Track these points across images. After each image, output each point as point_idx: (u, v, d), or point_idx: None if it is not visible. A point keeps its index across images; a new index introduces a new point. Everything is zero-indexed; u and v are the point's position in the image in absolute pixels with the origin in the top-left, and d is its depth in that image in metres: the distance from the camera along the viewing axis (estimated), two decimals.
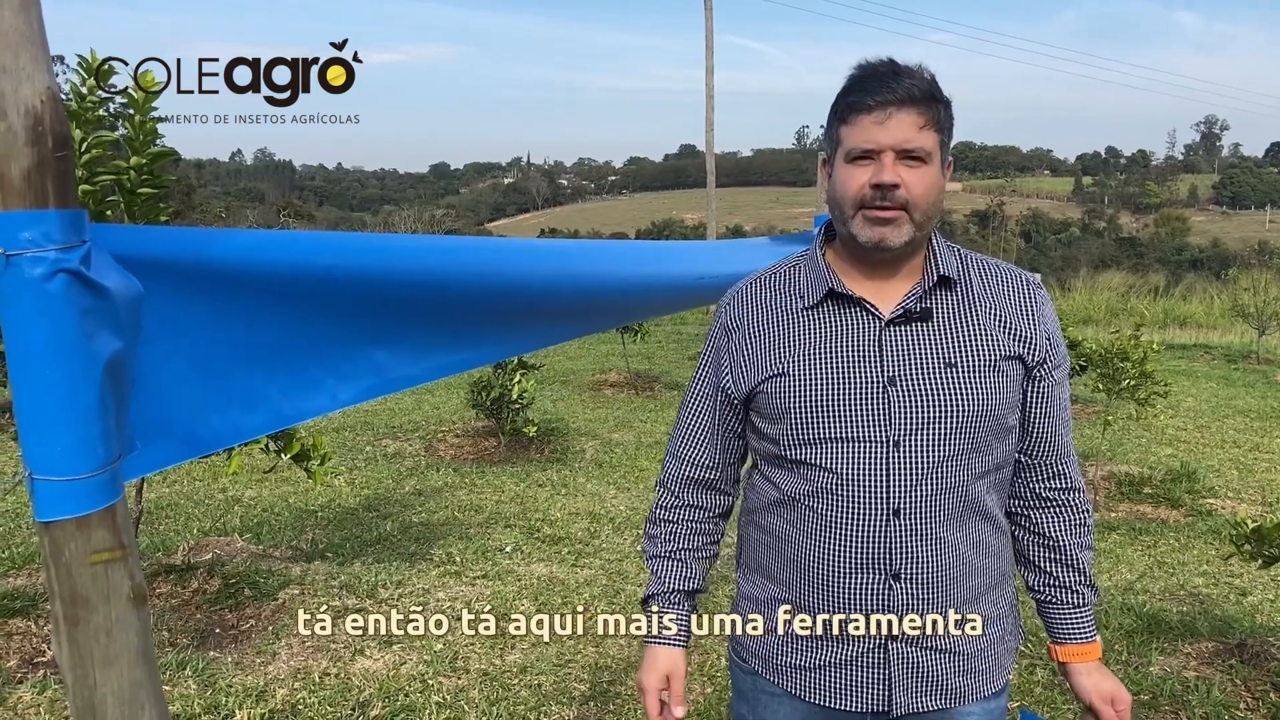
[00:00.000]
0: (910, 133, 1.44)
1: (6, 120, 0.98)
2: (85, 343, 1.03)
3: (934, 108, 1.46)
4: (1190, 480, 6.76)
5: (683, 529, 1.73)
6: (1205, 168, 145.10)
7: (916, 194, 1.45)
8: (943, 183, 1.51)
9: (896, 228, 1.46)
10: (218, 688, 3.50)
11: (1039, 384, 1.58)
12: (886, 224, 1.46)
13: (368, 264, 1.49)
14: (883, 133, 1.44)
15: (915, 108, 1.44)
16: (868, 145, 1.45)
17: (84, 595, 1.07)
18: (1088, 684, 1.67)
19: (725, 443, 1.69)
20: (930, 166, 1.46)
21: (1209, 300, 21.75)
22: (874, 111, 1.44)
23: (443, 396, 9.66)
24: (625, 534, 5.59)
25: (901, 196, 1.45)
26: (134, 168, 3.49)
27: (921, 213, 1.47)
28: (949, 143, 1.51)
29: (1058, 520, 1.65)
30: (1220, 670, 3.83)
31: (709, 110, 20.09)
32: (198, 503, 6.08)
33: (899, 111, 1.43)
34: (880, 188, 1.44)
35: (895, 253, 1.50)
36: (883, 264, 1.54)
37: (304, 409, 1.40)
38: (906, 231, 1.47)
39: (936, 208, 1.50)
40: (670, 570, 1.71)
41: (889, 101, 1.43)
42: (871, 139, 1.44)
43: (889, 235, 1.47)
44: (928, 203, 1.47)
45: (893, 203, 1.45)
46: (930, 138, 1.45)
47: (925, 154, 1.45)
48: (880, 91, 1.44)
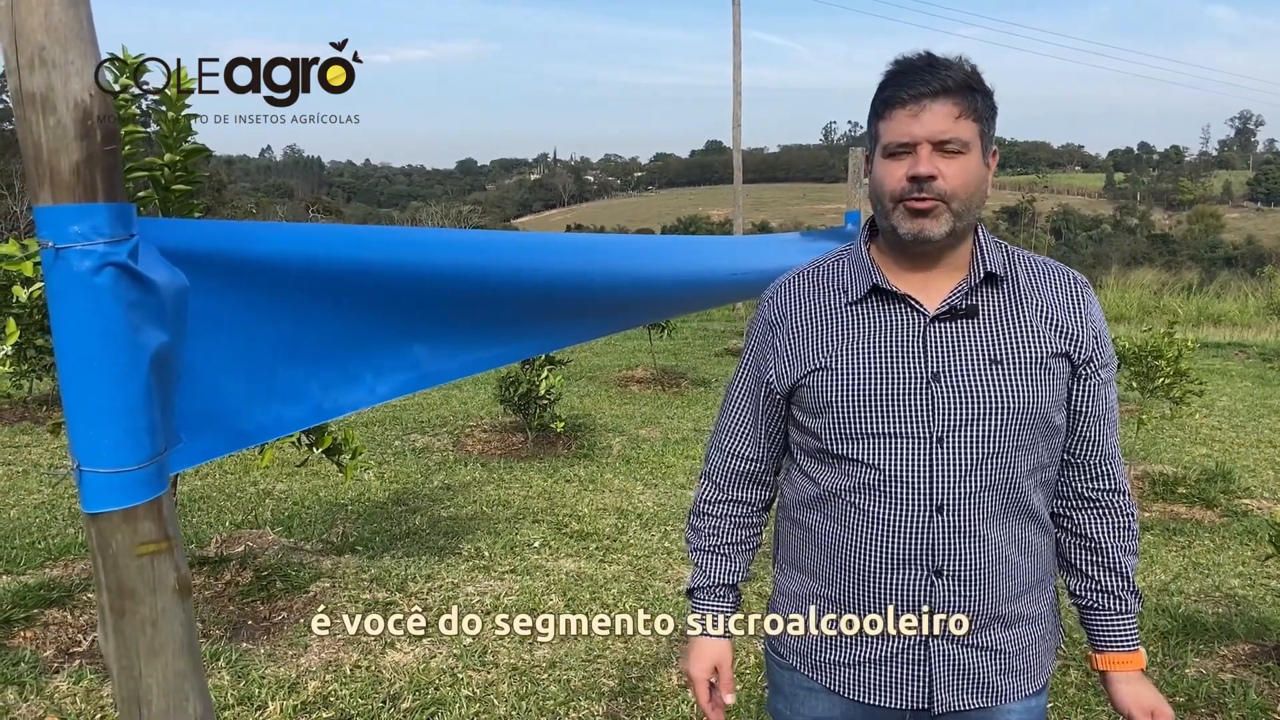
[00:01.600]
0: (945, 123, 1.43)
1: (56, 114, 0.98)
2: (132, 336, 1.04)
3: (970, 97, 1.45)
4: (1225, 480, 6.66)
5: (726, 523, 1.74)
6: (1240, 164, 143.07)
7: (955, 184, 1.44)
8: (984, 173, 1.49)
9: (935, 219, 1.46)
10: (250, 679, 3.53)
11: (1085, 383, 1.56)
12: (925, 215, 1.46)
13: (407, 258, 1.49)
14: (917, 125, 1.43)
15: (950, 98, 1.43)
16: (903, 138, 1.45)
17: (130, 587, 1.07)
18: (1128, 694, 1.64)
19: (768, 436, 1.69)
20: (968, 156, 1.45)
21: (1243, 298, 21.44)
22: (908, 105, 1.44)
23: (470, 392, 9.70)
24: (653, 530, 5.58)
25: (939, 187, 1.44)
26: (168, 164, 3.53)
27: (960, 203, 1.46)
28: (990, 132, 1.49)
29: (1101, 522, 1.63)
30: (1257, 672, 3.78)
31: (736, 106, 20.04)
32: (229, 495, 6.14)
33: (933, 103, 1.43)
34: (917, 179, 1.44)
35: (937, 244, 1.49)
36: (926, 258, 1.53)
37: (343, 403, 1.41)
38: (946, 222, 1.46)
39: (978, 198, 1.48)
40: (714, 564, 1.73)
41: (923, 94, 1.43)
42: (906, 132, 1.44)
43: (928, 226, 1.46)
44: (967, 193, 1.46)
45: (930, 194, 1.44)
46: (967, 128, 1.44)
47: (962, 144, 1.44)
48: (914, 85, 1.44)
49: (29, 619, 3.92)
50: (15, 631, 3.81)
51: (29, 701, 3.30)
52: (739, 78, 20.03)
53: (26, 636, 3.79)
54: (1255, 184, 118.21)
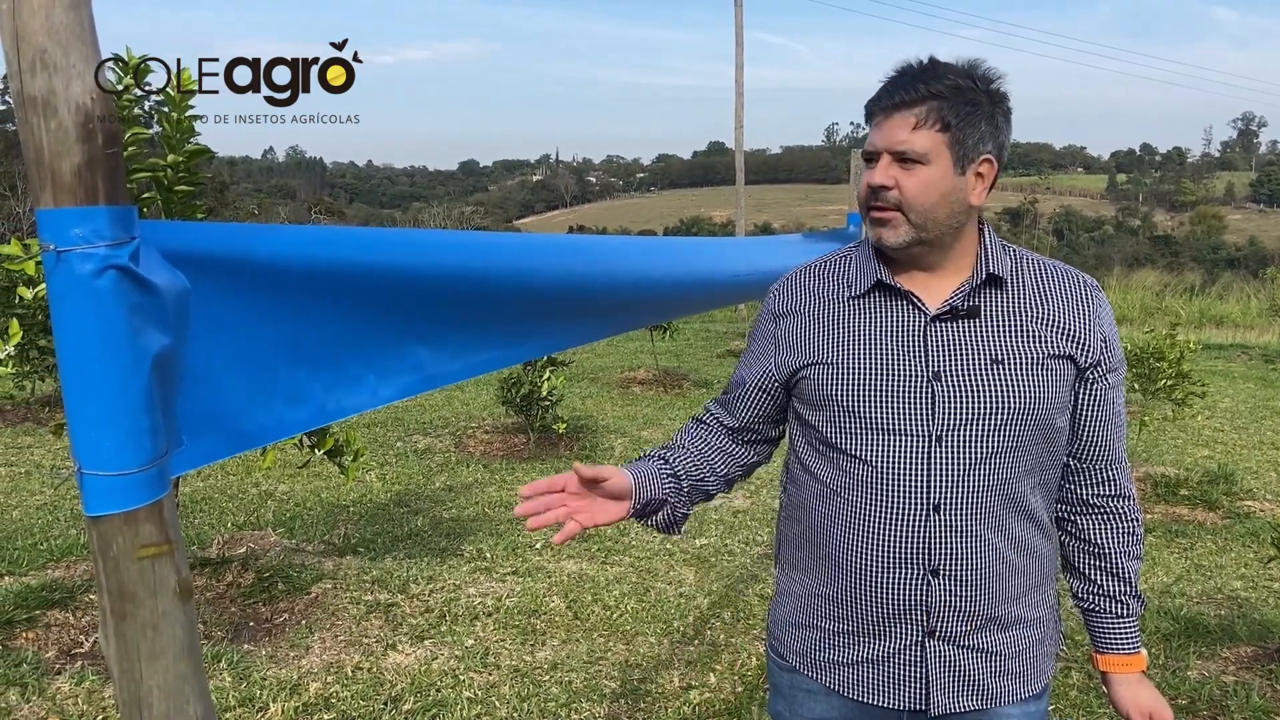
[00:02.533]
0: (901, 134, 1.45)
1: (57, 117, 0.98)
2: (134, 339, 1.04)
3: (936, 107, 1.44)
4: (1228, 482, 6.65)
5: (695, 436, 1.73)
6: (1242, 165, 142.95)
7: (909, 195, 1.46)
8: (953, 184, 1.47)
9: (893, 228, 1.49)
10: (252, 680, 3.53)
11: (1091, 387, 1.56)
12: (883, 225, 1.50)
13: (409, 260, 1.49)
14: (878, 135, 1.48)
15: (910, 109, 1.45)
16: (869, 148, 1.51)
17: (131, 590, 1.07)
18: (1128, 696, 1.65)
19: (761, 410, 1.70)
20: (929, 168, 1.45)
21: (1246, 299, 21.41)
22: (877, 115, 1.49)
23: (472, 393, 9.70)
24: (654, 532, 5.57)
25: (893, 198, 1.47)
26: (170, 165, 3.53)
27: (919, 214, 1.47)
28: (971, 141, 1.46)
29: (1105, 527, 1.63)
30: (1260, 675, 3.77)
31: (738, 107, 20.04)
32: (231, 497, 6.15)
33: (895, 113, 1.46)
34: (873, 189, 1.49)
35: (900, 252, 1.52)
36: (917, 260, 1.54)
37: (346, 405, 1.41)
38: (904, 233, 1.48)
39: (942, 209, 1.48)
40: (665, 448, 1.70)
41: (887, 105, 1.47)
42: (871, 142, 1.51)
43: (885, 235, 1.50)
44: (923, 204, 1.46)
45: (885, 203, 1.48)
46: (926, 139, 1.44)
47: (918, 155, 1.45)
48: (883, 96, 1.48)
49: (31, 620, 3.92)
50: (17, 632, 3.82)
51: (31, 703, 3.30)
52: (741, 78, 20.03)
53: (29, 638, 3.79)
54: (1258, 185, 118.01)
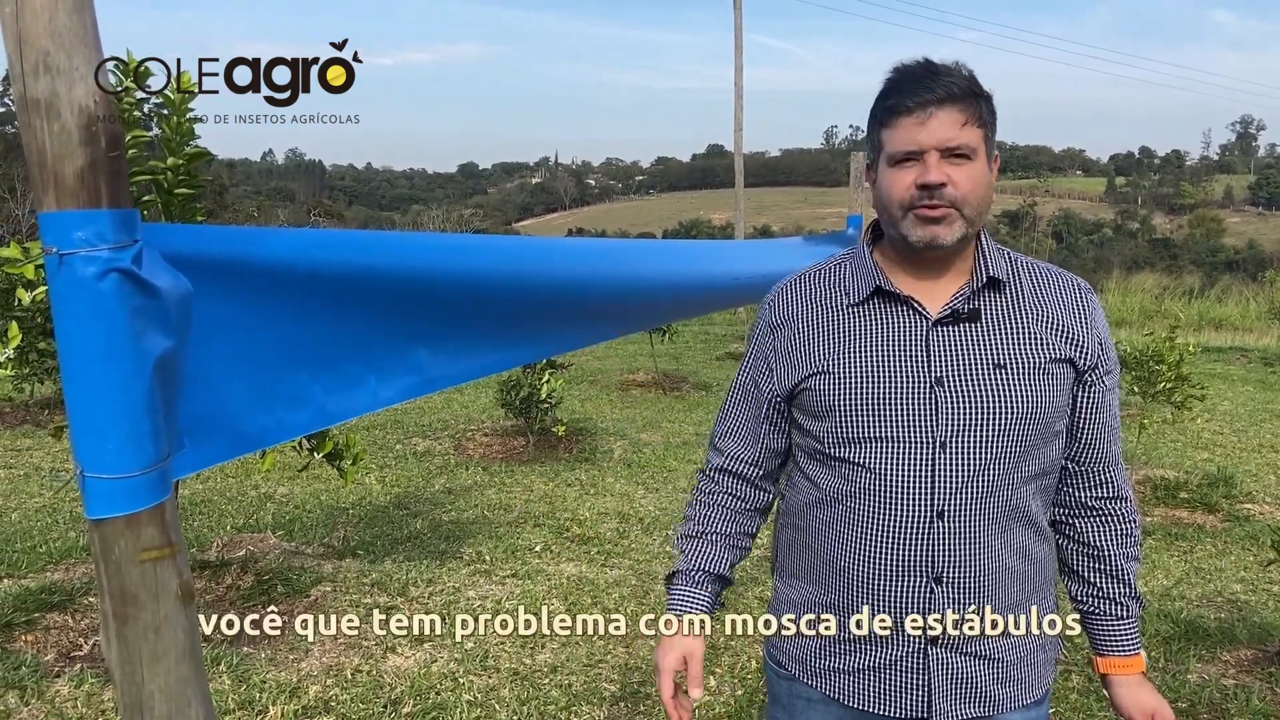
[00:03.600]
0: (952, 130, 1.43)
1: (61, 120, 0.98)
2: (136, 342, 1.04)
3: (975, 103, 1.45)
4: (1227, 485, 6.65)
5: (717, 514, 1.71)
6: (1241, 168, 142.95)
7: (965, 190, 1.44)
8: (990, 178, 1.50)
9: (948, 225, 1.46)
10: (252, 683, 3.53)
11: (1089, 389, 1.56)
12: (938, 222, 1.46)
13: (410, 263, 1.49)
14: (924, 133, 1.43)
15: (956, 105, 1.43)
16: (910, 147, 1.44)
17: (133, 593, 1.07)
18: (1128, 698, 1.64)
19: (767, 440, 1.68)
20: (976, 162, 1.45)
21: (1245, 302, 21.42)
22: (914, 113, 1.44)
23: (472, 395, 9.70)
24: (654, 534, 5.58)
25: (950, 194, 1.44)
26: (170, 168, 3.53)
27: (972, 208, 1.46)
28: (993, 137, 1.49)
29: (1103, 529, 1.63)
30: (1260, 678, 3.77)
31: (738, 110, 20.04)
32: (231, 499, 6.14)
33: (939, 110, 1.43)
34: (928, 188, 1.44)
35: (947, 250, 1.49)
36: (933, 263, 1.53)
37: (347, 408, 1.41)
38: (959, 228, 1.46)
39: (986, 203, 1.49)
40: (699, 550, 1.69)
41: (929, 101, 1.43)
42: (914, 140, 1.44)
43: (940, 233, 1.46)
44: (977, 198, 1.46)
45: (942, 201, 1.44)
46: (973, 134, 1.44)
47: (970, 150, 1.44)
48: (918, 93, 1.43)
49: (30, 623, 3.92)
50: (16, 635, 3.81)
51: (30, 706, 3.30)
52: (740, 81, 20.04)
53: (28, 640, 3.78)
54: (1256, 188, 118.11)
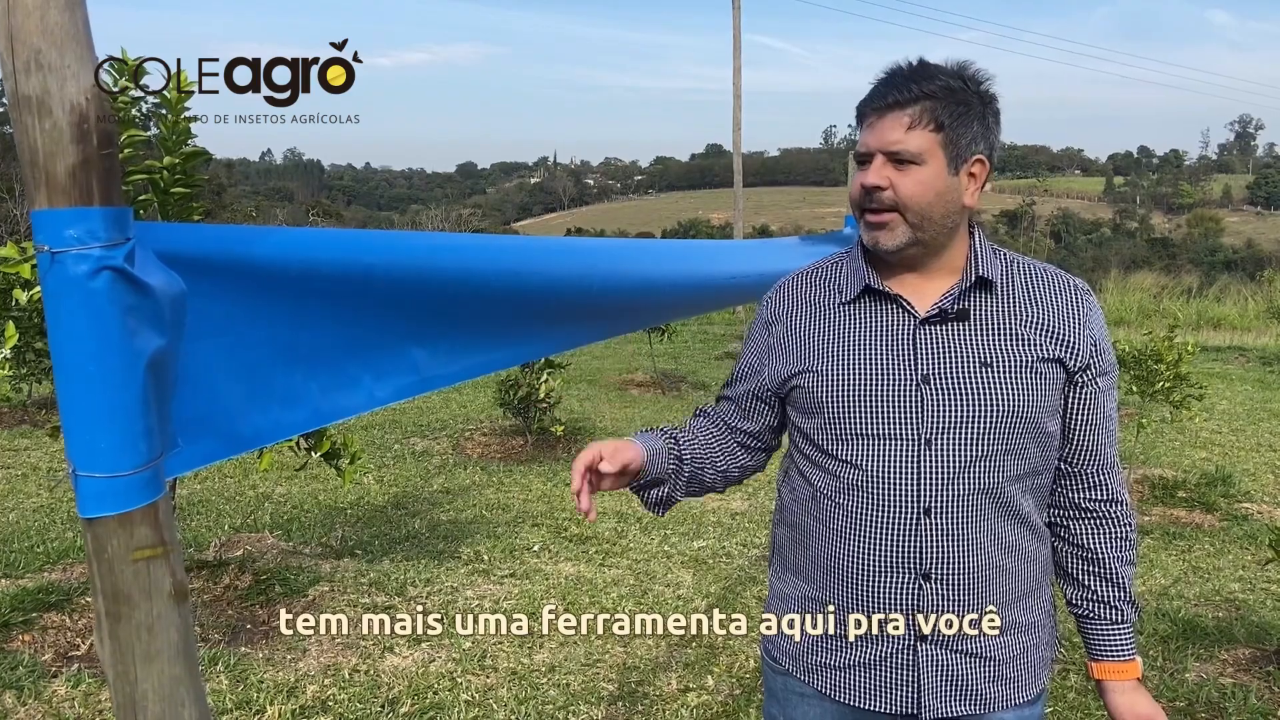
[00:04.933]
0: (895, 134, 1.45)
1: (52, 117, 0.98)
2: (128, 340, 1.03)
3: (930, 107, 1.44)
4: (1225, 484, 6.66)
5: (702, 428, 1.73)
6: (1239, 168, 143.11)
7: (904, 195, 1.46)
8: (947, 183, 1.47)
9: (890, 231, 1.48)
10: (249, 683, 3.53)
11: (1081, 390, 1.56)
12: (879, 228, 1.49)
13: (406, 262, 1.49)
14: (871, 136, 1.48)
15: (903, 110, 1.45)
16: (862, 149, 1.50)
17: (126, 592, 1.07)
18: (1123, 704, 1.63)
19: (764, 423, 1.72)
20: (924, 168, 1.45)
21: (1243, 302, 21.43)
22: (869, 116, 1.49)
23: (470, 395, 9.70)
24: (652, 534, 5.58)
25: (888, 198, 1.46)
26: (167, 167, 3.53)
27: (915, 214, 1.47)
28: (965, 141, 1.47)
29: (1098, 533, 1.62)
30: (1258, 677, 3.77)
31: (736, 110, 20.05)
32: (229, 499, 6.14)
33: (888, 113, 1.46)
34: (867, 190, 1.48)
35: (898, 255, 1.51)
36: (910, 262, 1.54)
37: (342, 407, 1.41)
38: (901, 234, 1.48)
39: (937, 209, 1.48)
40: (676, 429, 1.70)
41: (880, 106, 1.47)
42: (864, 142, 1.49)
43: (881, 238, 1.49)
44: (920, 204, 1.46)
45: (880, 205, 1.47)
46: (920, 138, 1.45)
47: (912, 155, 1.45)
48: (875, 96, 1.48)
49: (27, 623, 3.91)
50: (14, 635, 3.81)
51: (27, 705, 3.29)
52: (739, 81, 20.04)
53: (25, 640, 3.78)
54: (1255, 188, 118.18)
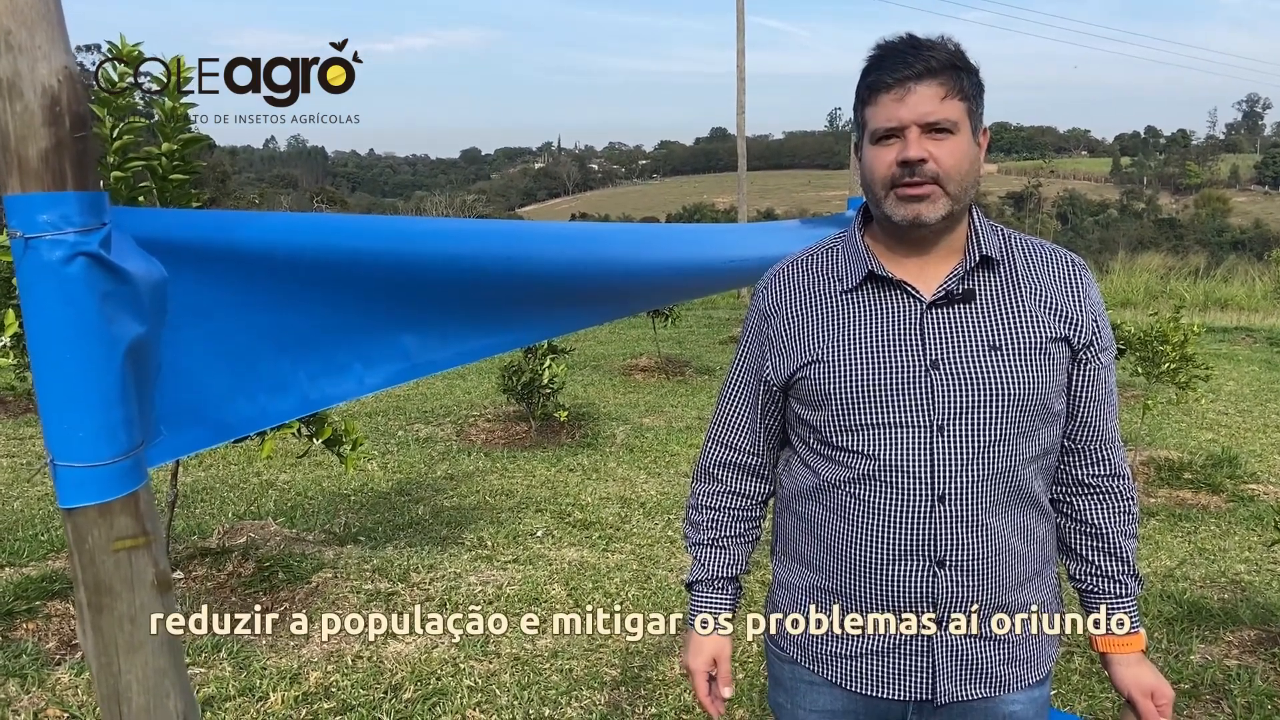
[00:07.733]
0: (932, 105, 1.41)
1: (23, 100, 0.96)
2: (105, 327, 1.02)
3: (956, 77, 1.43)
4: (1231, 465, 6.63)
5: (724, 517, 1.72)
6: (1247, 147, 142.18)
7: (947, 166, 1.42)
8: (975, 152, 1.47)
9: (931, 203, 1.44)
10: (252, 670, 3.53)
11: (1085, 367, 1.54)
12: (920, 200, 1.44)
13: (394, 247, 1.47)
14: (904, 109, 1.42)
15: (935, 79, 1.41)
16: (891, 124, 1.43)
17: (107, 583, 1.06)
18: (1128, 676, 1.63)
19: (765, 429, 1.68)
20: (959, 137, 1.43)
21: (1251, 282, 21.29)
22: (893, 89, 1.42)
23: (474, 381, 9.69)
24: (656, 519, 5.57)
25: (931, 170, 1.42)
26: (165, 154, 3.50)
27: (955, 184, 1.44)
28: (979, 111, 1.47)
29: (1101, 508, 1.61)
30: (1263, 658, 3.76)
31: (740, 93, 19.94)
32: (232, 486, 6.14)
33: (919, 85, 1.41)
34: (908, 164, 1.42)
35: (933, 228, 1.47)
36: (922, 243, 1.51)
37: (331, 394, 1.39)
38: (943, 205, 1.44)
39: (971, 178, 1.46)
40: (713, 557, 1.71)
41: (908, 77, 1.41)
42: (894, 116, 1.42)
43: (923, 211, 1.44)
44: (960, 173, 1.44)
45: (923, 177, 1.42)
46: (954, 107, 1.42)
47: (951, 124, 1.42)
48: (898, 68, 1.42)
49: (31, 611, 3.92)
50: (18, 623, 3.82)
51: (31, 693, 3.30)
52: (743, 64, 19.92)
53: (29, 628, 3.79)
54: (1262, 167, 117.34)
